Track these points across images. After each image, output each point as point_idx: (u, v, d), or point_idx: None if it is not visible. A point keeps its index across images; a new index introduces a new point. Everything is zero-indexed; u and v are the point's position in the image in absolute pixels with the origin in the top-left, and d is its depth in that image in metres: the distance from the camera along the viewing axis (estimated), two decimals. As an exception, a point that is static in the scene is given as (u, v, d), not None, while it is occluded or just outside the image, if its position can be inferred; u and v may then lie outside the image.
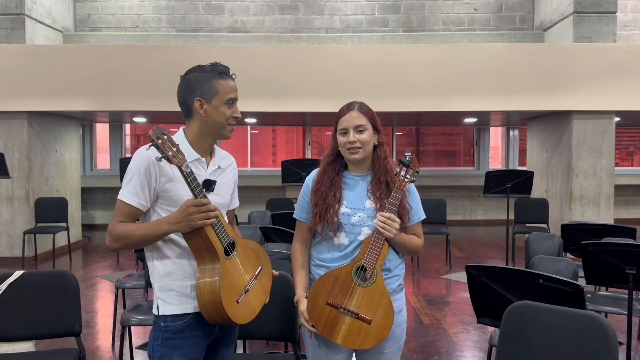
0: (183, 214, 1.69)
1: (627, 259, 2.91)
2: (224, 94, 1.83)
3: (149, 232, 1.75)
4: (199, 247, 1.75)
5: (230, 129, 1.89)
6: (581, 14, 7.32)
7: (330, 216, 1.96)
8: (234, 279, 1.79)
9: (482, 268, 2.51)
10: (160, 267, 1.84)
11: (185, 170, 1.66)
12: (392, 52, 7.02)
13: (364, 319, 1.90)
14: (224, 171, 1.96)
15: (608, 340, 1.79)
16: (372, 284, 1.91)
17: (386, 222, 1.88)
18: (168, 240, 1.81)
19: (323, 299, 1.93)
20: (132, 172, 1.77)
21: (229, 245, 1.80)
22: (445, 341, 4.13)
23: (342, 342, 1.92)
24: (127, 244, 1.79)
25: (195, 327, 1.82)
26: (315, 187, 2.03)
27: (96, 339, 4.16)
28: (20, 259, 6.69)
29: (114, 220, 1.79)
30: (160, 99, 6.59)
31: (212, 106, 1.83)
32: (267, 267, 2.00)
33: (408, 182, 1.94)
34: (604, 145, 6.87)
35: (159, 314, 1.83)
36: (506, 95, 6.80)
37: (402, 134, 10.99)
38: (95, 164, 10.23)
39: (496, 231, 9.33)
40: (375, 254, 1.89)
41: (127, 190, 1.77)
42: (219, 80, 1.84)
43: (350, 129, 1.97)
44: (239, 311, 1.79)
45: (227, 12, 8.93)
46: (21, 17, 7.32)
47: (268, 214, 5.36)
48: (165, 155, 1.63)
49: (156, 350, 1.82)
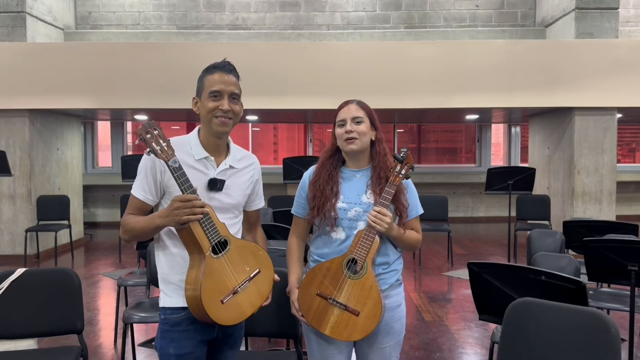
0: (169, 209, 1.73)
1: (629, 256, 2.91)
2: (208, 87, 1.85)
3: (146, 224, 1.80)
4: (188, 243, 1.78)
5: (218, 123, 1.85)
6: (583, 10, 7.30)
7: (328, 209, 1.98)
8: (220, 279, 1.78)
9: (484, 265, 2.51)
10: (164, 260, 1.88)
11: (172, 165, 1.69)
12: (393, 49, 7.01)
13: (353, 310, 1.92)
14: (238, 172, 1.95)
15: (610, 336, 1.79)
16: (362, 277, 1.93)
17: (377, 217, 1.90)
18: (172, 235, 1.84)
19: (314, 290, 1.96)
20: (141, 167, 1.85)
21: (218, 243, 1.78)
22: (447, 338, 4.13)
23: (330, 333, 1.95)
24: (133, 235, 1.85)
25: (191, 321, 1.83)
26: (314, 180, 2.05)
27: (98, 337, 4.17)
28: (23, 257, 6.70)
29: (126, 213, 1.87)
30: (161, 96, 6.60)
31: (201, 102, 1.88)
32: (266, 271, 1.95)
33: (402, 178, 1.95)
34: (606, 142, 6.86)
35: (161, 305, 1.88)
36: (508, 92, 6.78)
37: (403, 131, 10.98)
38: (96, 162, 10.24)
39: (498, 228, 9.32)
40: (366, 247, 1.92)
41: (136, 185, 1.85)
42: (207, 75, 1.87)
43: (348, 120, 2.01)
44: (222, 312, 1.77)
45: (228, 9, 8.91)
46: (22, 15, 7.32)
47: (269, 211, 5.35)
48: (152, 150, 1.67)
49: (157, 342, 1.87)
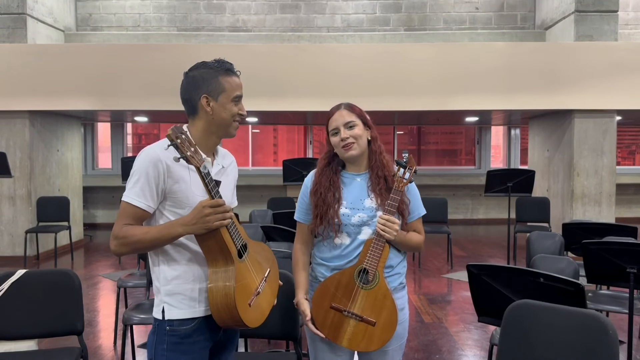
0: (199, 215, 1.64)
1: (628, 258, 2.91)
2: (230, 90, 1.79)
3: (161, 234, 1.68)
4: (212, 250, 1.70)
5: (235, 126, 1.85)
6: (582, 12, 7.31)
7: (331, 217, 1.96)
8: (246, 282, 1.76)
9: (483, 267, 2.51)
10: (167, 271, 1.78)
11: (203, 171, 1.62)
12: (393, 51, 7.02)
13: (368, 321, 1.91)
14: (225, 170, 1.92)
15: (609, 338, 1.79)
16: (375, 286, 1.91)
17: (386, 225, 1.88)
18: (177, 244, 1.76)
19: (327, 303, 1.94)
20: (138, 173, 1.70)
21: (242, 247, 1.77)
22: (447, 340, 4.13)
23: (347, 345, 1.93)
24: (137, 248, 1.73)
25: (202, 331, 1.78)
26: (314, 189, 2.03)
27: (98, 338, 4.18)
28: (22, 258, 6.70)
29: (120, 224, 1.71)
30: (161, 98, 6.61)
31: (219, 103, 1.79)
32: (274, 270, 1.97)
33: (406, 183, 1.93)
34: (606, 144, 6.87)
35: (165, 318, 1.77)
36: (507, 94, 6.80)
37: (403, 133, 10.99)
38: (96, 163, 10.25)
39: (497, 230, 9.33)
40: (376, 256, 1.89)
41: (133, 192, 1.70)
42: (225, 77, 1.79)
43: (341, 127, 1.98)
44: (251, 314, 1.76)
45: (229, 11, 8.93)
46: (23, 16, 7.33)
47: (269, 213, 5.36)
48: (184, 156, 1.58)
49: (161, 354, 1.77)
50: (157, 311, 1.80)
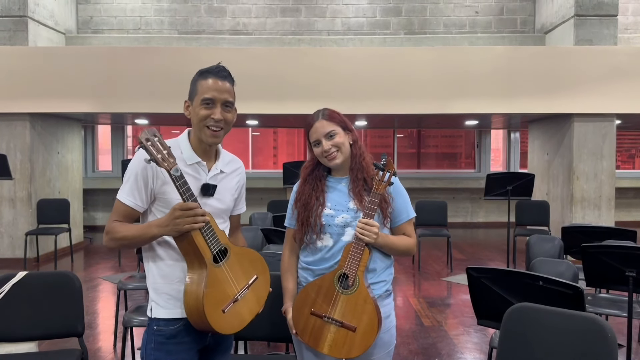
0: (170, 218, 1.68)
1: (628, 262, 2.92)
2: (200, 93, 1.78)
3: (140, 233, 1.74)
4: (188, 252, 1.72)
5: (208, 134, 1.79)
6: (582, 17, 7.34)
7: (313, 221, 1.95)
8: (221, 288, 1.74)
9: (483, 270, 2.52)
10: (155, 270, 1.81)
11: (174, 174, 1.64)
12: (393, 54, 7.04)
13: (349, 326, 1.88)
14: (227, 176, 1.91)
15: (608, 342, 1.80)
16: (355, 291, 1.88)
17: (364, 228, 1.87)
18: (164, 244, 1.79)
19: (307, 309, 1.92)
20: (130, 173, 1.77)
21: (219, 252, 1.75)
22: (446, 343, 4.14)
23: (328, 352, 1.90)
24: (122, 244, 1.79)
25: (188, 332, 1.78)
26: (297, 198, 2.03)
27: (98, 340, 4.18)
28: (22, 260, 6.71)
29: (111, 219, 1.79)
30: (162, 100, 6.62)
31: (193, 107, 1.81)
32: (264, 277, 1.92)
33: (385, 186, 1.91)
34: (605, 148, 6.88)
35: (152, 316, 1.81)
36: (507, 98, 6.81)
37: (403, 136, 11.01)
38: (97, 166, 10.26)
39: (497, 233, 9.33)
40: (356, 260, 1.88)
41: (124, 191, 1.78)
42: (200, 80, 1.80)
43: (322, 138, 1.97)
44: (223, 321, 1.73)
45: (229, 14, 8.96)
46: (24, 19, 7.35)
47: (269, 215, 5.37)
48: (154, 158, 1.61)
49: (149, 353, 1.79)
50: (148, 309, 1.85)
